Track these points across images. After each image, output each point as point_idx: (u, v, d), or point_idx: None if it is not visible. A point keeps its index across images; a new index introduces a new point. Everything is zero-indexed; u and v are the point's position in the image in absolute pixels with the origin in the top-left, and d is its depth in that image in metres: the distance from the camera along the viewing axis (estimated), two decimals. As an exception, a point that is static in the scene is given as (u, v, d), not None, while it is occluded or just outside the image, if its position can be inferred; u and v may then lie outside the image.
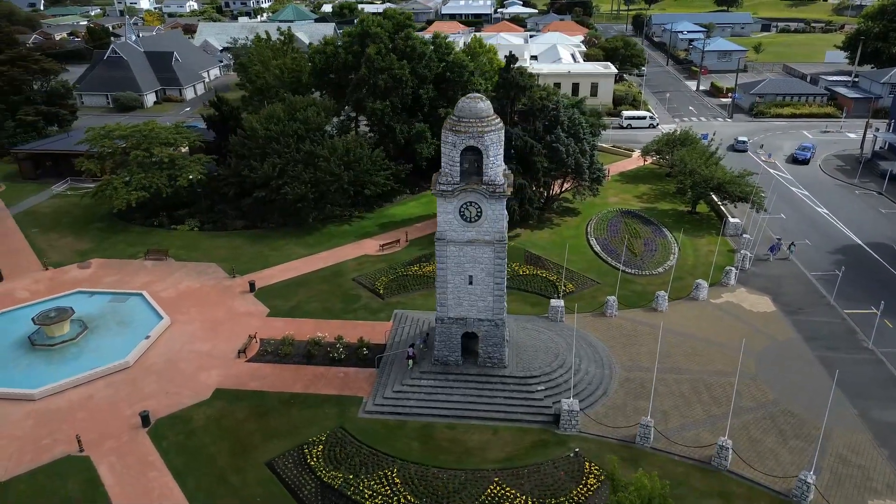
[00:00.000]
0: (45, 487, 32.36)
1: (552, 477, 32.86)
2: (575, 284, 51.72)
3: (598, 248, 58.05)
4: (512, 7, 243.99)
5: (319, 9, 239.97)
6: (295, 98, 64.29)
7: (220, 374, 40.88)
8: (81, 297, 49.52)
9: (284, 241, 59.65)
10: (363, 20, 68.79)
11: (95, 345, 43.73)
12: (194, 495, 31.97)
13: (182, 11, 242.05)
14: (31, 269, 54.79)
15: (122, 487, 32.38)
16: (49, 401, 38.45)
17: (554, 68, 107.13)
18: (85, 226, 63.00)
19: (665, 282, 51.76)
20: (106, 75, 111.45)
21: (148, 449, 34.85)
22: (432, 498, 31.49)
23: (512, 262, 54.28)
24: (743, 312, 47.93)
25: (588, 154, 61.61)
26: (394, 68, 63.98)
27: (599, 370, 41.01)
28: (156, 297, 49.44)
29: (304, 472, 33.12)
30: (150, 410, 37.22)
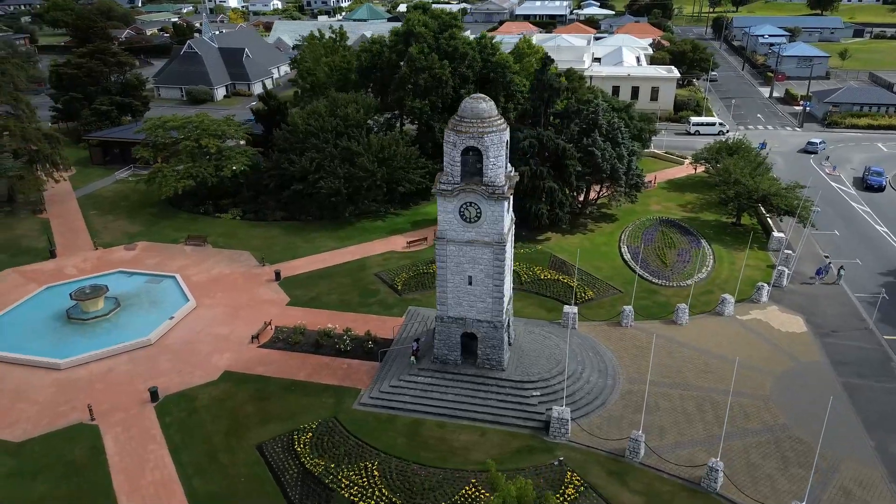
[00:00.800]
0: (53, 451, 34.77)
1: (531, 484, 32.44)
2: (596, 292, 50.67)
3: (627, 255, 56.59)
4: (588, 8, 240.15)
5: (395, 8, 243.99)
6: (337, 95, 65.93)
7: (231, 358, 42.61)
8: (121, 277, 52.73)
9: (318, 233, 61.32)
10: (409, 19, 69.69)
11: (125, 322, 46.47)
12: (185, 470, 33.54)
13: (265, 10, 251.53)
14: (84, 249, 58.70)
15: (122, 457, 34.39)
16: (72, 371, 41.24)
17: (613, 71, 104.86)
18: (138, 210, 66.86)
19: (692, 294, 49.96)
20: (181, 69, 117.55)
21: (152, 423, 36.83)
22: (406, 493, 31.78)
23: (535, 265, 53.89)
24: (769, 331, 45.61)
25: (625, 159, 60.10)
26: (434, 68, 64.54)
27: (602, 380, 40.10)
28: (187, 281, 51.97)
29: (290, 458, 34.12)
30: (161, 387, 39.28)
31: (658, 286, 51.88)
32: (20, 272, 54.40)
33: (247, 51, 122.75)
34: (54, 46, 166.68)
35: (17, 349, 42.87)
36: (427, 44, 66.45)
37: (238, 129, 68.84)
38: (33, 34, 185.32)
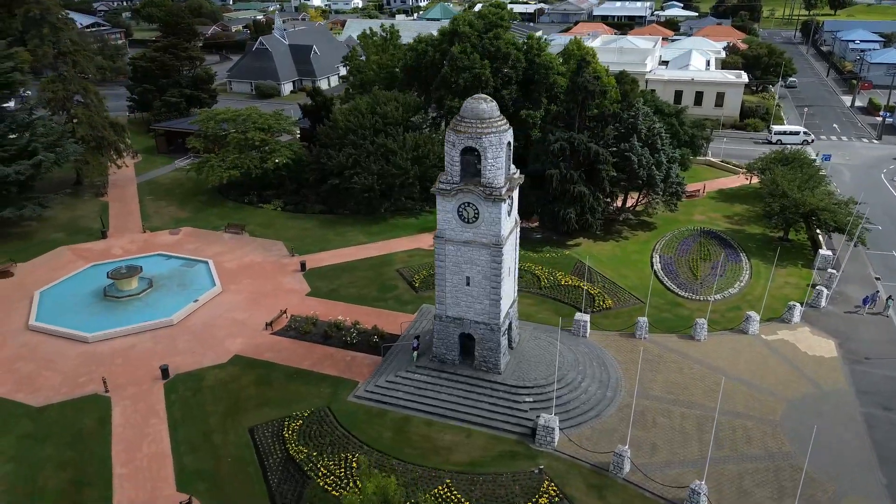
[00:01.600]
0: (66, 418, 37.26)
1: (505, 489, 32.12)
2: (617, 301, 49.32)
3: (658, 265, 54.75)
4: (671, 10, 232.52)
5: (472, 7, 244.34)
6: (379, 93, 66.99)
7: (244, 343, 44.25)
8: (159, 259, 55.72)
9: (351, 227, 62.59)
10: (456, 19, 69.88)
11: (154, 302, 49.10)
12: (178, 446, 35.19)
13: (346, 8, 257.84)
14: (133, 231, 62.36)
15: (125, 428, 36.46)
16: (98, 345, 43.99)
17: (676, 75, 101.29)
18: (189, 197, 70.33)
19: (717, 309, 47.88)
20: (252, 65, 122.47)
21: (158, 399, 38.82)
22: (379, 487, 32.13)
23: (558, 270, 53.01)
24: (795, 354, 43.05)
25: (664, 166, 58.12)
26: (475, 67, 64.48)
27: (601, 391, 39.07)
28: (219, 267, 54.30)
29: (277, 443, 35.16)
30: (173, 366, 41.32)
31: (684, 299, 49.95)
32: (73, 250, 58.42)
33: (315, 48, 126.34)
34: (146, 41, 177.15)
35: (54, 321, 46.14)
36: (470, 43, 66.47)
37: (286, 123, 71.16)
38: (129, 29, 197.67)
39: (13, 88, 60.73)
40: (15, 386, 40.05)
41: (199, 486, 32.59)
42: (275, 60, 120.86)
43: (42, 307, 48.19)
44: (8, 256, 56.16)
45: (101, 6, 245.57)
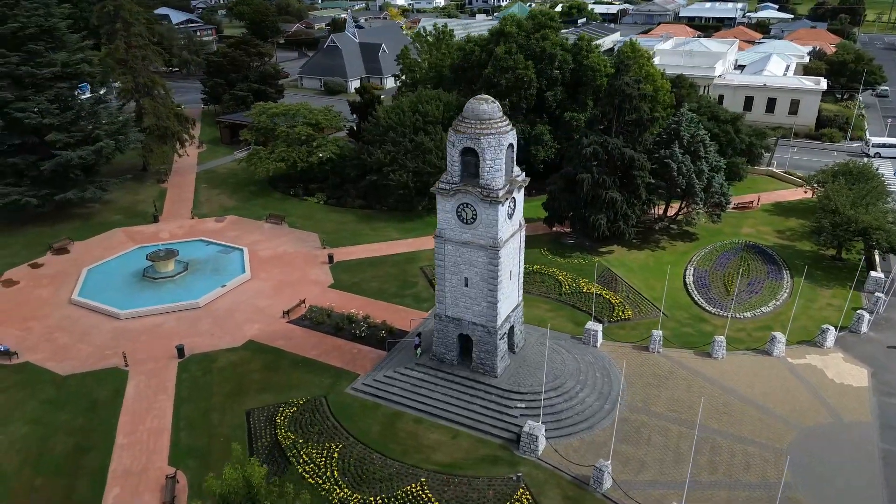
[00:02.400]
0: (86, 388, 39.93)
1: (479, 493, 31.88)
2: (638, 312, 47.75)
3: (690, 278, 52.54)
4: (764, 11, 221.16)
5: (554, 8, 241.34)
6: (423, 91, 67.59)
7: (260, 329, 45.90)
8: (200, 245, 58.59)
9: (386, 223, 63.54)
10: (505, 19, 69.47)
11: (187, 284, 51.70)
12: (178, 422, 37.02)
13: (427, 7, 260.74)
14: (183, 217, 65.82)
15: (134, 401, 38.70)
16: (129, 322, 46.81)
17: (746, 80, 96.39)
18: (241, 187, 73.42)
19: (745, 328, 45.55)
20: (322, 62, 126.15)
21: (170, 376, 40.93)
22: (354, 479, 32.63)
23: (582, 277, 51.86)
24: (820, 380, 40.30)
25: (705, 175, 55.63)
26: (518, 68, 63.90)
27: (599, 403, 37.99)
28: (253, 255, 56.50)
29: (269, 427, 36.34)
30: (191, 346, 43.44)
31: (710, 314, 47.73)
32: (127, 232, 62.32)
33: (384, 46, 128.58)
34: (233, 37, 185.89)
35: (94, 297, 49.47)
36: (516, 43, 65.93)
37: (335, 119, 73.04)
38: (220, 25, 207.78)
39: (82, 79, 65.25)
40: (49, 354, 43.28)
41: (189, 462, 34.19)
42: (343, 57, 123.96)
43: (87, 283, 51.74)
44: (67, 235, 60.57)
45: (199, 4, 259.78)
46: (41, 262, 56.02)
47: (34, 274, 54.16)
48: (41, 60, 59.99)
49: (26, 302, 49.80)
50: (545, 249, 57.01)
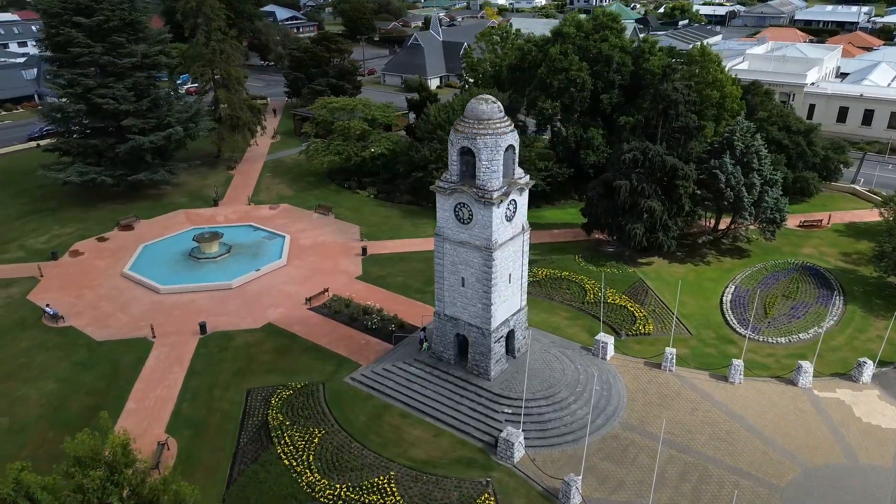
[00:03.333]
0: (113, 354, 43.18)
1: (444, 493, 31.79)
2: (661, 327, 45.67)
3: (728, 296, 49.57)
4: (892, 16, 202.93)
5: (657, 9, 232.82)
6: (474, 90, 67.54)
7: (281, 313, 47.79)
8: (248, 230, 61.64)
9: (429, 220, 63.97)
10: (566, 19, 68.15)
11: (226, 266, 54.59)
12: (184, 394, 39.31)
13: (526, 7, 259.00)
14: (240, 202, 69.42)
15: (151, 370, 41.46)
16: (166, 297, 50.10)
17: (842, 89, 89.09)
18: (300, 178, 76.37)
19: (775, 353, 42.58)
20: (404, 59, 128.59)
21: (189, 350, 43.48)
22: (327, 465, 33.40)
23: (612, 287, 50.18)
24: (844, 417, 36.99)
25: (756, 188, 52.20)
26: (571, 69, 62.53)
27: (591, 416, 36.69)
28: (293, 242, 58.81)
29: (262, 407, 37.84)
30: (213, 324, 45.94)
31: (740, 336, 44.84)
32: (188, 214, 66.55)
33: (467, 45, 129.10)
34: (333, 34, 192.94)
35: (142, 271, 53.28)
36: (573, 44, 64.54)
37: (393, 115, 74.46)
38: (322, 23, 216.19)
39: (159, 69, 70.21)
40: (91, 320, 47.15)
41: (184, 432, 36.28)
42: (425, 56, 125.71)
43: (139, 259, 55.80)
44: (135, 213, 65.50)
45: (308, 1, 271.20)
46: (107, 237, 60.96)
47: (99, 247, 59.03)
48: (123, 51, 65.13)
49: (85, 272, 54.40)
50: (580, 256, 55.56)
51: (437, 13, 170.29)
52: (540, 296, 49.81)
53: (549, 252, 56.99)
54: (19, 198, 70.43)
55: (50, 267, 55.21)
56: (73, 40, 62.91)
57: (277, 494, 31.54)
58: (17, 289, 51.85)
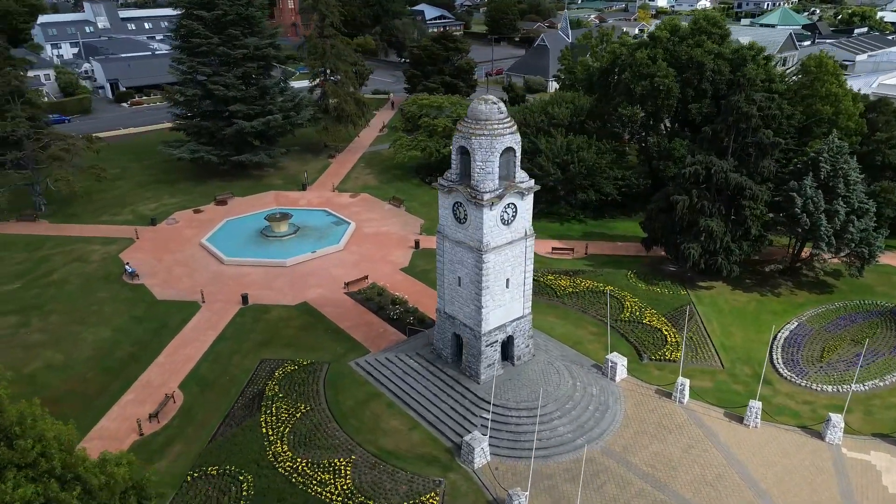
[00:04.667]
0: (166, 312, 48.10)
1: (394, 484, 32.21)
2: (693, 356, 42.34)
3: (784, 333, 44.74)
4: None
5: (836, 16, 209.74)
6: (559, 93, 66.16)
7: (319, 294, 50.40)
8: (321, 214, 65.34)
9: (494, 221, 63.94)
10: (663, 22, 64.53)
11: (289, 245, 58.38)
12: (207, 356, 42.92)
13: (685, 10, 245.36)
14: (326, 189, 73.57)
15: (189, 331, 45.68)
16: (228, 268, 54.71)
17: None
18: (389, 171, 79.16)
19: (813, 401, 38.05)
20: (529, 60, 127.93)
21: (226, 318, 47.29)
22: (299, 437, 35.06)
23: (654, 307, 47.34)
24: (866, 483, 32.26)
25: (839, 216, 46.42)
26: (657, 75, 59.23)
27: (572, 435, 35.19)
28: (357, 230, 61.51)
29: (266, 378, 40.34)
30: (254, 297, 49.54)
31: (780, 378, 40.44)
32: (277, 195, 71.80)
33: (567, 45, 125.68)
34: (477, 34, 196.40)
35: (216, 243, 58.55)
36: (664, 49, 61.08)
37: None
38: (468, 22, 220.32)
39: (268, 61, 76.12)
40: (160, 281, 52.81)
41: (192, 389, 39.77)
42: (549, 57, 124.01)
43: (219, 231, 61.34)
44: (232, 190, 71.85)
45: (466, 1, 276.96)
46: (203, 209, 67.56)
47: (193, 217, 65.64)
48: (237, 43, 71.59)
49: (173, 239, 60.82)
50: (634, 272, 52.75)
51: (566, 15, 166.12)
52: (574, 308, 48.15)
53: (603, 264, 54.69)
54: (148, 169, 79.90)
55: (146, 231, 62.41)
56: (194, 31, 70.29)
57: (243, 458, 33.74)
58: (115, 247, 59.25)
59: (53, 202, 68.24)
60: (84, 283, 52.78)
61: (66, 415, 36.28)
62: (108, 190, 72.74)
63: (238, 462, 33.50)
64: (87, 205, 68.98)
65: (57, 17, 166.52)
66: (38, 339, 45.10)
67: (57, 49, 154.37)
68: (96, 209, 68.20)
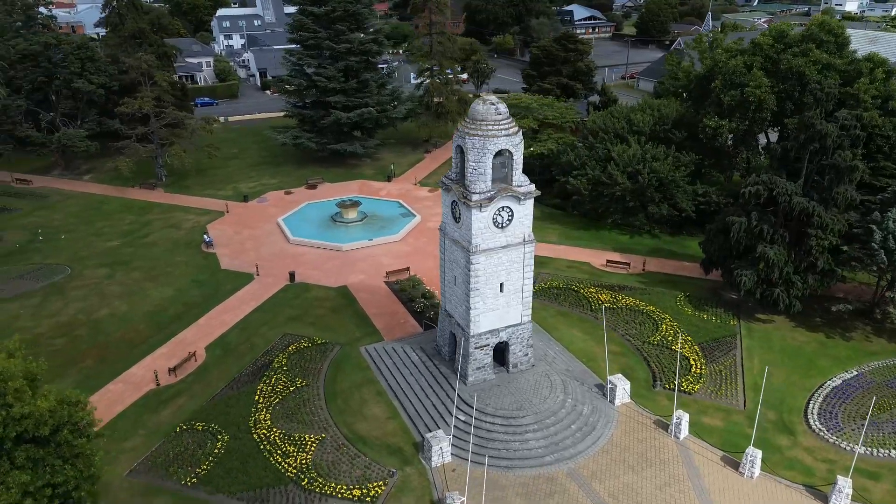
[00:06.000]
0: (223, 280, 52.51)
1: (350, 466, 33.15)
2: (712, 392, 38.93)
3: (834, 382, 39.61)
4: None
5: None
6: (646, 99, 62.74)
7: (360, 280, 52.42)
8: (393, 205, 67.52)
9: (558, 226, 62.32)
10: (770, 28, 58.85)
11: (354, 231, 61.15)
12: (240, 324, 46.32)
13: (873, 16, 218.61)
14: (409, 182, 75.71)
15: (235, 299, 49.56)
16: (291, 246, 58.49)
17: None
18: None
19: (835, 461, 33.61)
20: (661, 66, 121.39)
21: (270, 292, 50.69)
22: (285, 409, 37.08)
23: (695, 335, 43.98)
24: (861, 563, 27.98)
25: (924, 257, 40.11)
26: (748, 85, 54.33)
27: (543, 451, 33.95)
28: (421, 223, 62.89)
29: (280, 350, 42.88)
30: (302, 276, 52.65)
31: (806, 429, 35.99)
32: (363, 184, 75.15)
33: (676, 46, 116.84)
34: (626, 36, 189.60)
35: (289, 223, 62.77)
36: (763, 57, 55.86)
37: (571, 117, 73.20)
38: (620, 24, 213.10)
39: (371, 56, 79.50)
40: (230, 252, 57.78)
41: (216, 351, 43.33)
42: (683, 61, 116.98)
43: (297, 213, 65.67)
44: (323, 176, 76.32)
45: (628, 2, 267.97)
46: (293, 191, 72.55)
47: (282, 198, 70.74)
48: (342, 38, 75.78)
49: (257, 215, 66.09)
50: (686, 295, 49.18)
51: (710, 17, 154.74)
52: (606, 325, 45.88)
53: (658, 283, 51.47)
54: (261, 152, 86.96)
55: (237, 206, 68.36)
56: (304, 26, 75.43)
57: (228, 420, 36.40)
58: (206, 218, 65.61)
59: (173, 174, 76.72)
60: (169, 247, 59.13)
61: (107, 358, 41.84)
62: (221, 167, 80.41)
63: (222, 422, 36.22)
64: (199, 178, 76.83)
65: (231, 11, 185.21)
66: (115, 291, 51.44)
67: (229, 39, 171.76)
68: (205, 183, 75.72)
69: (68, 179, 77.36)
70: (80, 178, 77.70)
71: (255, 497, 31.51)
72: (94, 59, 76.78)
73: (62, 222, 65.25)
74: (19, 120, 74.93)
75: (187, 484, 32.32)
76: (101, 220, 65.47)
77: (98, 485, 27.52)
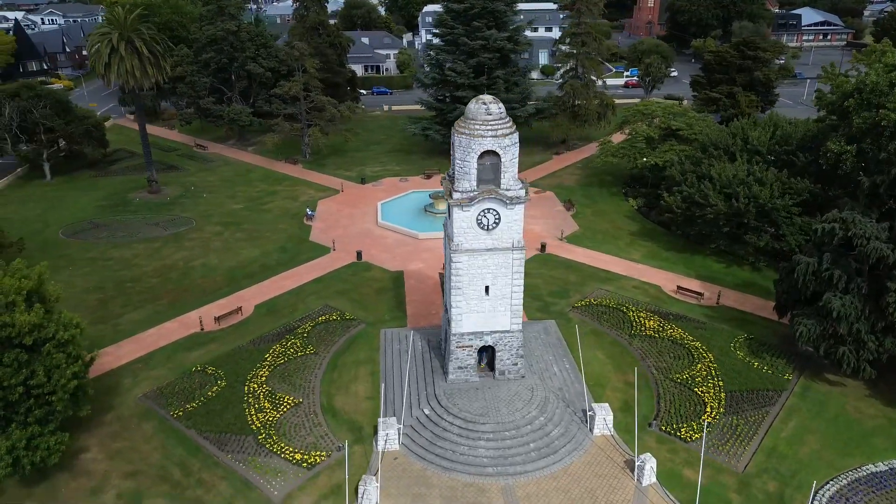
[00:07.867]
0: (305, 250, 57.52)
1: (308, 432, 35.34)
2: (716, 445, 34.50)
3: (873, 469, 32.87)
4: None
5: None
6: (772, 115, 55.63)
7: (418, 268, 53.90)
8: (490, 202, 67.73)
9: (655, 245, 57.95)
10: None
11: (439, 222, 62.63)
12: (293, 290, 50.39)
13: None
14: (522, 181, 75.00)
15: (303, 268, 54.02)
16: (377, 229, 62.03)
17: None
18: (597, 174, 75.62)
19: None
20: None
21: (335, 266, 54.40)
22: (283, 372, 40.18)
23: (731, 380, 39.23)
24: None
25: None
26: (885, 107, 45.76)
27: (488, 461, 33.02)
28: (507, 222, 62.56)
29: (311, 320, 46.05)
30: (367, 255, 55.76)
31: (805, 511, 30.56)
32: (477, 178, 76.23)
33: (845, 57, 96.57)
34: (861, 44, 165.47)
35: (385, 207, 66.30)
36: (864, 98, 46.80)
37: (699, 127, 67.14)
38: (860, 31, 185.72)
39: (502, 52, 79.57)
40: (323, 226, 62.85)
41: (262, 310, 47.87)
42: None
43: (398, 200, 68.98)
44: (439, 168, 78.66)
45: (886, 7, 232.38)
46: (409, 179, 76.19)
47: (396, 184, 74.63)
48: (477, 34, 77.27)
49: (365, 197, 70.60)
50: (747, 337, 43.51)
51: None
52: (637, 352, 42.59)
53: (725, 320, 46.05)
54: (401, 140, 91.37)
55: (353, 187, 73.70)
56: (444, 22, 78.28)
57: (233, 370, 40.38)
58: (322, 194, 71.80)
59: (317, 153, 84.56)
60: (279, 216, 65.98)
61: (179, 300, 48.52)
62: (359, 150, 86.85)
63: (228, 371, 40.42)
64: (337, 159, 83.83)
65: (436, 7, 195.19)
66: (216, 246, 59.06)
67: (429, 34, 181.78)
68: (340, 163, 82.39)
69: (236, 149, 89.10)
70: (244, 149, 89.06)
71: (216, 439, 35.08)
72: (268, 46, 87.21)
73: (213, 184, 75.76)
74: (204, 94, 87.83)
75: (174, 416, 36.94)
76: (240, 186, 74.85)
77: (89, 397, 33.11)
